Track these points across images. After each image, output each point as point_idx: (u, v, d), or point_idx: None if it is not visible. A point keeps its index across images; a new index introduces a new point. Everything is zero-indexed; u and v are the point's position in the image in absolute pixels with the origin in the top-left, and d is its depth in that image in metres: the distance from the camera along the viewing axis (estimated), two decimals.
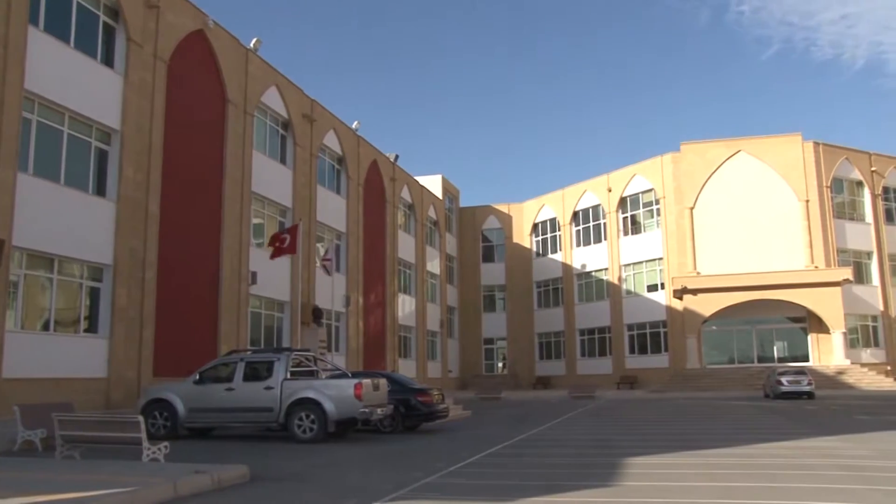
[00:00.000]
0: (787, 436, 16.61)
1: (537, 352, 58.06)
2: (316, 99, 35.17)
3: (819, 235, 46.25)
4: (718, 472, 11.11)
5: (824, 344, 44.99)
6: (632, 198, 52.21)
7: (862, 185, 49.48)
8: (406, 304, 46.70)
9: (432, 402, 19.43)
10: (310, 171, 34.20)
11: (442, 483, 10.49)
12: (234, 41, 28.76)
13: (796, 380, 33.32)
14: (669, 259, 48.59)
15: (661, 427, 20.06)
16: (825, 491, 9.42)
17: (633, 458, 12.82)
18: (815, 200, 46.62)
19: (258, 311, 30.10)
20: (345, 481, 10.89)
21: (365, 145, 41.13)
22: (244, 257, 28.26)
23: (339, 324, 36.90)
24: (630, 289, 51.68)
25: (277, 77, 32.01)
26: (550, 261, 57.50)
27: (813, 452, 13.48)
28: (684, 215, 47.94)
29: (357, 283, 38.46)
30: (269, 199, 31.09)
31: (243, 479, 10.67)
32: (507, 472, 11.82)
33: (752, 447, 14.53)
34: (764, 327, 47.22)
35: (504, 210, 60.72)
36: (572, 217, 55.96)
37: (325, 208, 35.63)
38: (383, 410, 17.19)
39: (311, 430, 16.18)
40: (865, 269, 48.57)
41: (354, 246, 38.65)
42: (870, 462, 12.15)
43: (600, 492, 9.67)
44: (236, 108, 28.50)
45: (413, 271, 48.41)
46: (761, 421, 21.36)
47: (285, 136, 33.04)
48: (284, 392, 16.58)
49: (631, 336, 51.25)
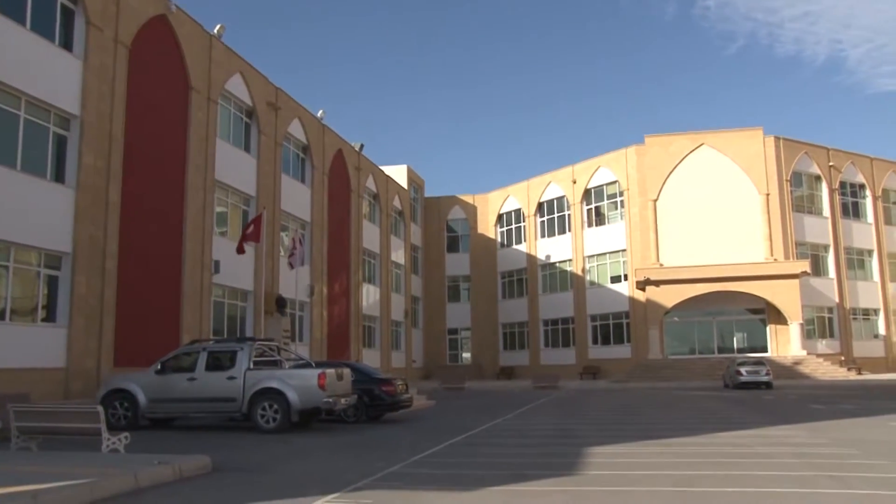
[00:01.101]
0: (745, 425, 16.90)
1: (501, 342, 58.32)
2: (281, 87, 34.85)
3: (778, 228, 47.02)
4: (679, 461, 11.27)
5: (782, 335, 45.81)
6: (596, 190, 52.57)
7: (820, 180, 50.37)
8: (370, 294, 46.59)
9: (396, 392, 19.43)
10: (274, 159, 33.90)
11: (405, 473, 10.50)
12: (197, 27, 28.34)
13: (755, 370, 33.92)
14: (633, 251, 49.06)
15: (624, 417, 20.28)
16: (780, 478, 9.62)
17: (595, 448, 12.95)
18: (774, 194, 47.35)
19: (221, 300, 29.81)
20: (308, 471, 10.86)
21: (330, 134, 40.86)
22: (207, 246, 27.94)
23: (303, 313, 36.70)
24: (594, 280, 52.10)
25: (242, 64, 31.63)
26: (515, 251, 57.74)
27: (770, 441, 13.74)
28: (648, 207, 48.40)
29: (321, 273, 38.27)
30: (232, 187, 30.76)
31: (205, 469, 10.59)
32: (471, 461, 11.86)
33: (711, 436, 14.76)
34: (724, 318, 47.94)
35: (469, 201, 60.79)
36: (537, 208, 56.21)
37: (289, 197, 35.35)
38: (347, 400, 17.16)
39: (274, 420, 16.11)
40: (822, 262, 49.50)
41: (319, 235, 38.43)
42: (823, 450, 12.42)
43: (564, 480, 9.76)
44: (200, 95, 28.12)
45: (378, 261, 48.29)
46: (721, 410, 21.69)
47: (249, 124, 32.69)
48: (247, 382, 16.47)
49: (594, 327, 51.69)
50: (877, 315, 51.11)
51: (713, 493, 8.80)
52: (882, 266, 51.43)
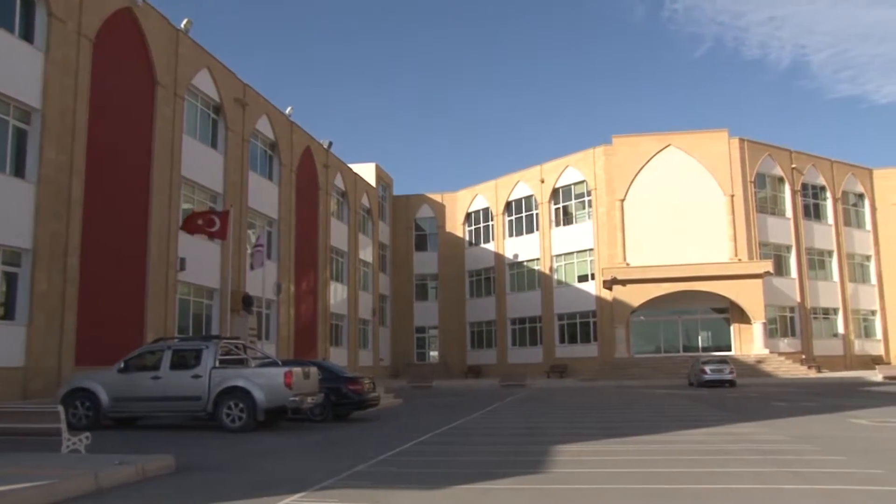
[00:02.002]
0: (709, 422, 17.10)
1: (469, 340, 58.38)
2: (248, 83, 34.55)
3: (742, 229, 47.64)
4: (645, 458, 11.37)
5: (745, 334, 46.42)
6: (564, 189, 52.85)
7: (783, 182, 51.12)
8: (338, 293, 46.39)
9: (363, 391, 19.37)
10: (241, 156, 33.60)
11: (373, 471, 10.47)
12: (163, 21, 27.98)
13: (719, 368, 34.36)
14: (600, 250, 49.39)
15: (590, 415, 20.42)
16: (742, 474, 9.74)
17: (562, 446, 13.01)
18: (739, 195, 47.95)
19: (186, 298, 29.49)
20: (274, 470, 10.77)
21: (298, 131, 40.61)
22: (173, 243, 27.62)
23: (270, 311, 36.44)
24: (561, 279, 52.36)
25: (209, 59, 31.31)
26: (483, 250, 57.84)
27: (732, 438, 13.92)
28: (615, 207, 48.76)
29: (289, 271, 38.02)
30: (199, 184, 30.44)
31: (169, 469, 10.44)
32: (438, 460, 11.86)
33: (676, 434, 14.92)
34: (689, 318, 48.46)
35: (437, 199, 60.78)
36: (505, 207, 56.36)
37: (256, 194, 35.07)
38: (314, 399, 17.06)
39: (240, 419, 15.96)
40: (784, 262, 50.25)
41: (286, 233, 38.18)
42: (784, 446, 12.62)
43: (530, 478, 9.79)
44: (166, 90, 27.78)
45: (345, 259, 48.09)
46: (686, 408, 21.94)
47: (217, 120, 32.37)
48: (213, 380, 16.29)
49: (561, 325, 51.96)
50: (836, 314, 52.03)
51: (677, 489, 8.88)
52: (841, 266, 52.39)
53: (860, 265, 54.22)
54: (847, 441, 13.28)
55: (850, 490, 8.67)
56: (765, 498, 8.34)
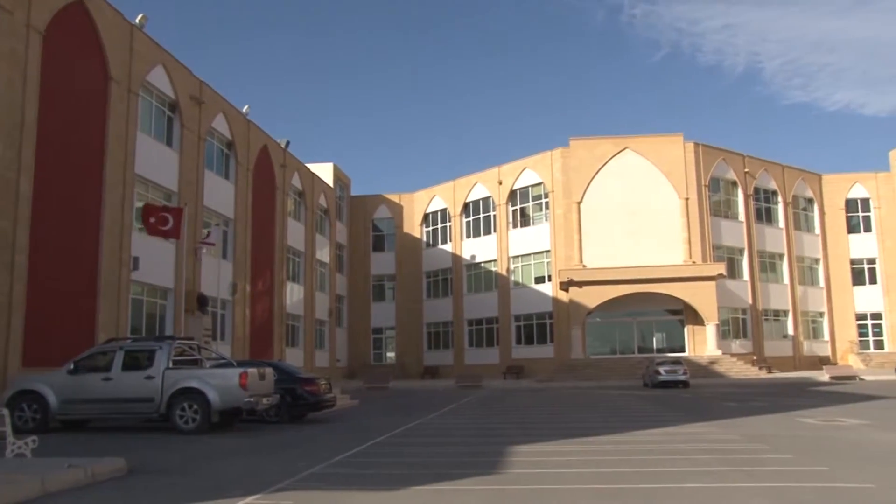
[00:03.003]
0: (663, 423, 17.32)
1: (425, 341, 58.34)
2: (205, 81, 34.10)
3: (697, 232, 48.38)
4: (600, 459, 11.47)
5: (699, 335, 47.12)
6: (521, 191, 53.11)
7: (736, 186, 52.04)
8: (294, 293, 46.03)
9: (319, 392, 19.26)
10: (197, 154, 33.15)
11: (328, 473, 10.40)
12: (117, 15, 27.47)
13: (673, 369, 34.80)
14: (557, 252, 49.74)
15: (546, 416, 20.55)
16: (695, 473, 9.87)
17: (518, 447, 13.07)
18: (693, 198, 48.68)
19: (140, 297, 28.99)
20: (228, 472, 10.64)
21: (255, 130, 40.20)
22: (126, 242, 27.12)
23: (225, 312, 36.01)
24: (518, 280, 52.61)
25: (164, 56, 30.82)
26: (440, 251, 57.85)
27: (686, 438, 14.12)
28: (572, 209, 49.15)
29: (244, 271, 37.62)
30: (153, 182, 29.94)
31: (120, 472, 10.25)
32: (394, 461, 11.82)
33: (631, 434, 15.08)
34: (644, 319, 49.03)
35: (395, 200, 60.65)
36: (463, 208, 56.46)
37: (212, 193, 34.62)
38: (269, 400, 16.92)
39: (193, 420, 15.76)
40: (737, 265, 51.14)
41: (242, 232, 37.77)
42: (735, 445, 12.84)
43: (486, 479, 9.81)
44: (119, 86, 27.28)
45: (302, 259, 47.74)
46: (640, 409, 22.19)
47: (172, 117, 31.89)
48: (166, 382, 16.06)
49: (518, 327, 52.20)
50: (786, 316, 53.14)
51: (631, 489, 8.98)
52: (791, 269, 53.52)
53: (809, 268, 55.44)
54: (795, 440, 13.56)
55: (797, 487, 8.85)
56: (716, 496, 8.47)
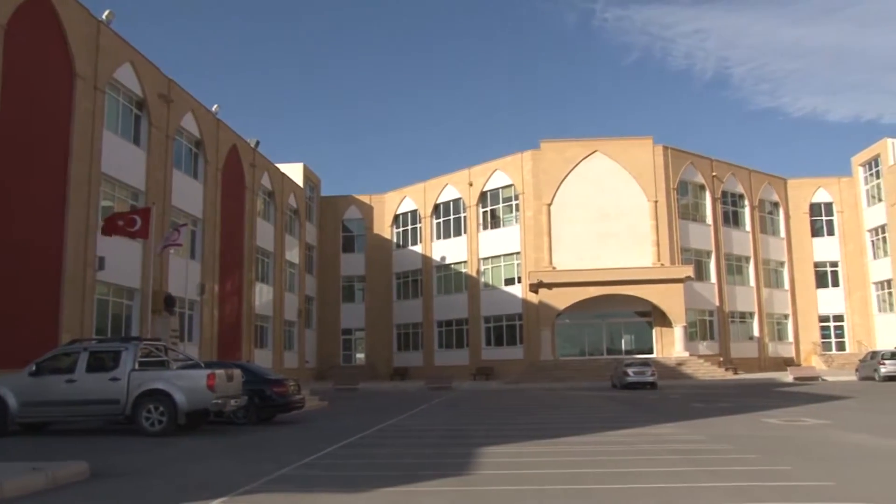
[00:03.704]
0: (631, 424, 17.45)
1: (395, 342, 58.24)
2: (174, 79, 33.75)
3: (665, 235, 48.83)
4: (568, 460, 11.53)
5: (667, 337, 47.54)
6: (492, 193, 53.22)
7: (704, 189, 52.61)
8: (263, 293, 45.71)
9: (288, 393, 19.15)
10: (165, 153, 32.80)
11: (296, 475, 10.35)
12: (83, 11, 27.09)
13: (641, 371, 35.06)
14: (526, 254, 49.91)
15: (516, 417, 20.60)
16: (661, 474, 9.97)
17: (487, 448, 13.09)
18: (662, 201, 49.14)
19: (105, 298, 28.61)
20: (194, 475, 10.54)
21: (225, 129, 39.87)
22: (91, 241, 26.75)
23: (193, 312, 35.65)
24: (488, 282, 52.71)
25: (132, 53, 30.45)
26: (410, 252, 57.79)
27: (653, 438, 14.24)
28: (542, 211, 49.35)
29: (213, 271, 37.28)
30: (120, 181, 29.57)
31: (83, 476, 10.06)
32: (363, 462, 11.79)
33: (599, 435, 15.17)
34: (613, 321, 49.35)
35: (365, 201, 60.48)
36: (433, 210, 56.45)
37: (180, 193, 34.27)
38: (237, 401, 16.79)
39: (160, 422, 15.58)
40: (705, 267, 51.71)
41: (211, 232, 37.42)
42: (701, 446, 12.98)
43: (455, 480, 9.82)
44: (85, 83, 26.90)
45: (271, 260, 47.43)
46: (609, 410, 22.33)
47: (140, 115, 31.52)
48: (132, 383, 15.84)
49: (488, 328, 52.30)
50: (752, 318, 53.85)
51: (598, 490, 9.04)
52: (757, 272, 54.25)
53: (774, 271, 56.24)
54: (760, 440, 13.74)
55: (760, 486, 8.98)
56: (682, 496, 8.55)
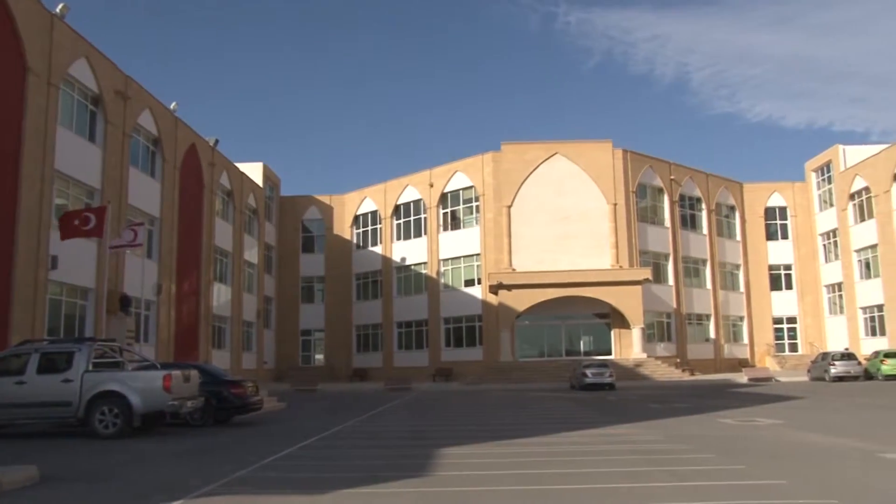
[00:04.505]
0: (589, 424, 17.59)
1: (355, 344, 57.98)
2: (131, 76, 33.21)
3: (624, 237, 49.31)
4: (526, 460, 11.58)
5: (625, 338, 48.00)
6: (452, 194, 53.27)
7: (662, 192, 53.27)
8: (222, 294, 45.20)
9: (246, 394, 18.97)
10: (122, 151, 32.26)
11: (253, 477, 10.24)
12: (36, 4, 26.52)
13: (599, 372, 35.34)
14: (486, 255, 50.03)
15: (475, 418, 20.64)
16: (620, 474, 10.05)
17: (447, 449, 13.09)
18: (621, 204, 49.62)
19: (58, 298, 28.03)
20: (149, 478, 10.37)
21: (183, 128, 39.34)
22: (43, 240, 26.18)
23: (150, 313, 35.10)
24: (448, 283, 52.73)
25: (88, 48, 29.89)
26: (370, 253, 57.59)
27: (611, 439, 14.37)
28: (502, 213, 49.53)
29: (170, 271, 36.75)
30: (74, 178, 29.01)
31: (32, 480, 9.78)
32: (322, 464, 11.71)
33: (558, 436, 15.26)
34: (572, 322, 49.69)
35: (325, 201, 60.14)
36: (393, 211, 56.33)
37: (137, 191, 33.73)
38: (194, 403, 16.59)
39: (114, 424, 15.31)
40: (662, 270, 52.34)
41: (168, 232, 36.90)
42: (659, 446, 13.13)
43: (415, 482, 9.80)
44: (38, 78, 26.34)
45: (230, 260, 46.91)
46: (567, 411, 22.49)
47: (95, 112, 30.96)
48: (85, 385, 15.54)
49: (447, 329, 52.32)
50: (708, 320, 54.64)
51: (557, 490, 9.09)
52: (714, 275, 55.08)
53: (730, 273, 57.14)
54: (715, 440, 13.94)
55: (716, 485, 9.11)
56: (640, 496, 8.64)
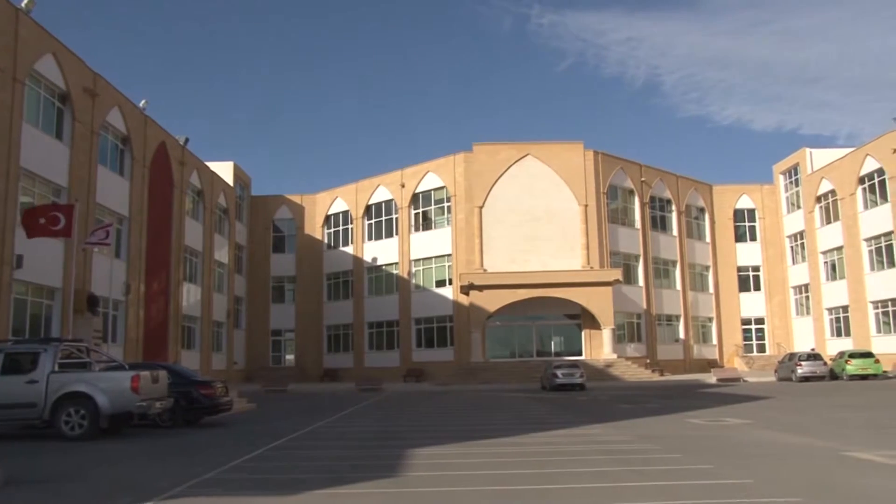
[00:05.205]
0: (560, 425, 17.68)
1: (325, 344, 57.75)
2: (99, 73, 32.78)
3: (595, 238, 49.61)
4: (497, 461, 11.62)
5: (595, 339, 48.28)
6: (424, 194, 53.25)
7: (633, 194, 53.68)
8: (191, 294, 44.78)
9: (215, 395, 18.82)
10: (90, 149, 31.83)
11: (223, 478, 10.17)
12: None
13: (570, 373, 35.49)
14: (458, 256, 50.07)
15: (446, 419, 20.66)
16: (589, 474, 10.13)
17: (418, 449, 13.10)
18: (592, 205, 49.91)
19: (24, 297, 27.58)
20: (117, 479, 10.26)
21: (153, 126, 38.91)
22: (8, 238, 25.75)
23: (118, 313, 34.67)
24: (419, 283, 52.70)
25: (55, 44, 29.44)
26: (342, 253, 57.39)
27: (582, 439, 14.46)
28: (474, 214, 49.60)
29: (139, 271, 36.34)
30: (40, 176, 28.57)
31: None
32: (291, 465, 11.66)
33: (529, 436, 15.33)
34: (543, 323, 49.88)
35: (297, 201, 59.82)
36: (365, 211, 56.18)
37: (106, 190, 33.30)
38: (162, 404, 16.44)
39: (80, 426, 15.11)
40: (633, 271, 52.74)
41: (137, 231, 36.48)
42: (628, 446, 13.24)
43: (385, 482, 9.79)
44: (3, 73, 25.89)
45: (200, 259, 46.50)
46: (538, 411, 22.59)
47: (63, 109, 30.52)
48: (51, 386, 15.32)
49: (418, 330, 52.29)
50: (678, 321, 55.17)
51: (528, 490, 9.13)
52: (683, 276, 55.62)
53: (700, 275, 57.74)
54: (684, 439, 14.09)
55: (683, 485, 9.21)
56: (609, 496, 8.71)
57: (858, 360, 38.79)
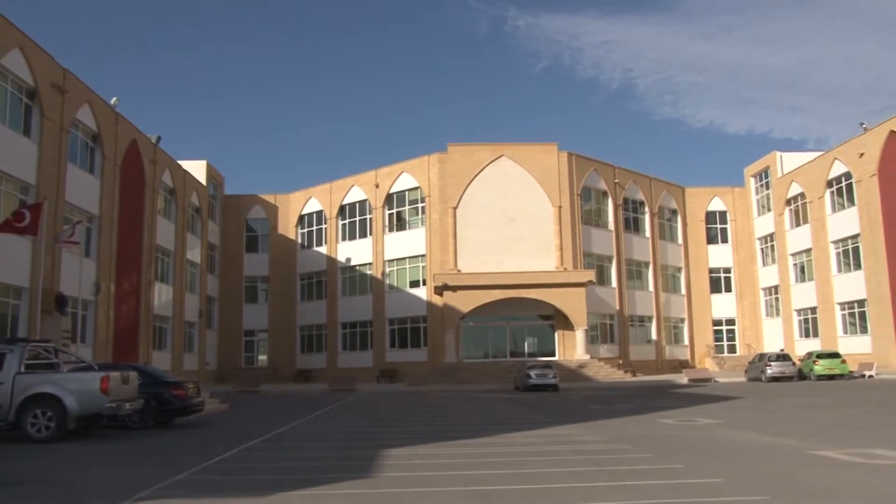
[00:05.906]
0: (534, 425, 17.74)
1: (299, 344, 57.48)
2: (69, 69, 32.36)
3: (569, 239, 49.82)
4: (471, 461, 11.62)
5: (569, 340, 48.48)
6: (398, 195, 53.18)
7: (607, 195, 54.00)
8: (163, 294, 44.36)
9: (187, 396, 18.66)
10: (59, 146, 31.41)
11: (194, 480, 10.08)
12: None
13: (543, 373, 35.59)
14: (432, 256, 50.06)
15: (420, 419, 20.65)
16: (562, 474, 10.16)
17: (391, 450, 13.07)
18: (566, 207, 50.12)
19: None
20: (86, 482, 10.12)
21: (124, 123, 38.49)
22: None
23: (87, 313, 34.26)
24: (393, 284, 52.63)
25: (22, 39, 29.00)
26: (315, 253, 57.15)
27: (555, 439, 14.52)
28: (448, 214, 49.62)
29: (109, 270, 35.92)
30: (7, 174, 28.15)
31: None
32: (263, 466, 11.58)
33: (502, 436, 15.36)
34: (517, 324, 50.00)
35: (270, 200, 59.47)
36: (339, 211, 55.99)
37: (75, 188, 32.88)
38: (132, 405, 16.24)
39: (47, 428, 14.88)
40: (606, 272, 53.06)
41: (108, 230, 36.06)
42: (600, 446, 13.31)
43: (358, 483, 9.76)
44: None
45: (172, 259, 46.07)
46: (512, 412, 22.65)
47: (31, 105, 30.08)
48: (17, 387, 15.06)
49: (392, 330, 52.20)
50: (650, 322, 55.61)
51: (501, 490, 9.15)
52: (656, 277, 56.08)
53: (672, 276, 58.25)
54: (655, 439, 14.19)
55: (654, 484, 9.28)
56: (581, 496, 8.75)
57: (826, 361, 39.39)
